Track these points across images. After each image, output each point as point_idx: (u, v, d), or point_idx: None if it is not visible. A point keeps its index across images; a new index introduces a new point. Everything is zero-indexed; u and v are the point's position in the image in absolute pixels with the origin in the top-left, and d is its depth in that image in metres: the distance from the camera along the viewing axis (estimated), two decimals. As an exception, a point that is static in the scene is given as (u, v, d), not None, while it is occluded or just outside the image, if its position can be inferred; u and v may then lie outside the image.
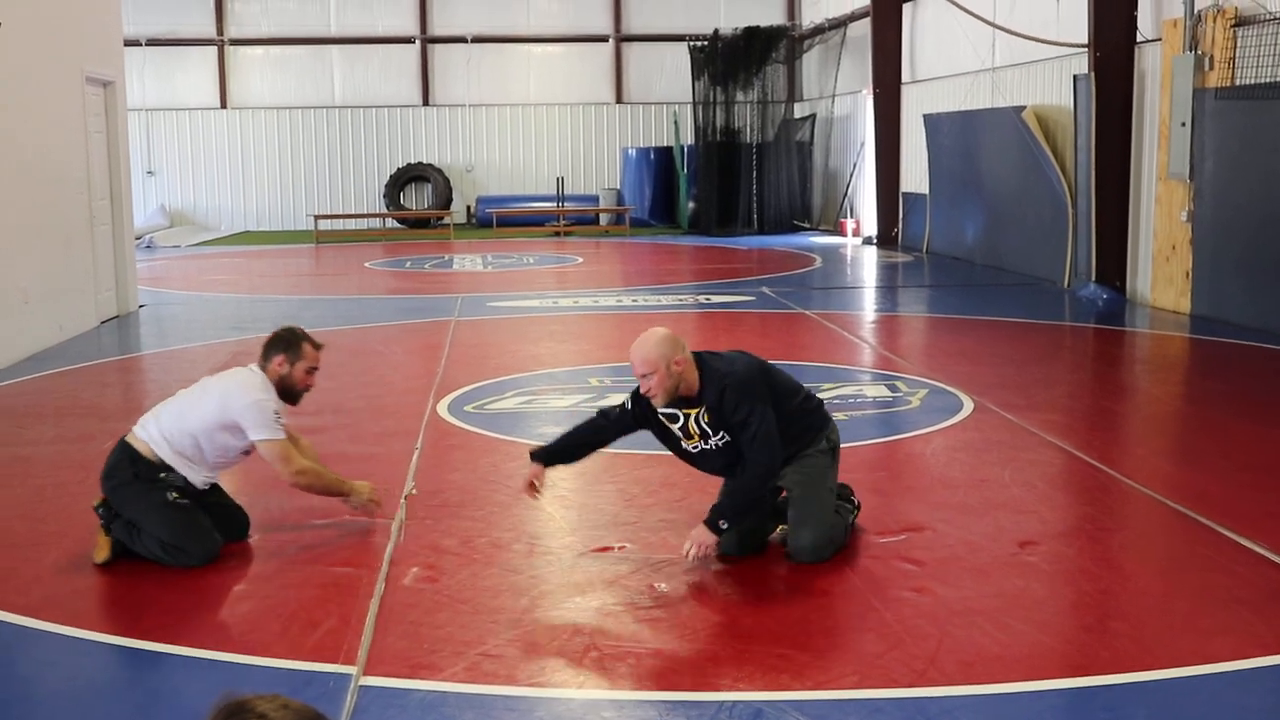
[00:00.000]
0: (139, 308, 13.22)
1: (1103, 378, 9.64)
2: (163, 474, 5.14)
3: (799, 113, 24.09)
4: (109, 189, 12.69)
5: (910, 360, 9.75)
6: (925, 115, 18.08)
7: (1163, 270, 12.20)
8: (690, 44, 23.35)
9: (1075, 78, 13.11)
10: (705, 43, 23.00)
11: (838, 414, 6.45)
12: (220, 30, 25.33)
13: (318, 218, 23.03)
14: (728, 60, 22.80)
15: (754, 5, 25.11)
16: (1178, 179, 11.75)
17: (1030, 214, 14.92)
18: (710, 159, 22.90)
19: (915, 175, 18.96)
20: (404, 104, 25.87)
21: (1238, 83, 10.79)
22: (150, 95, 24.63)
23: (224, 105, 25.56)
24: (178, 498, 5.11)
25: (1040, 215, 14.57)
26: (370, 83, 25.82)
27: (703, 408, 4.93)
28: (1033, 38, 14.49)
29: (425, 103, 25.91)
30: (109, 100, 12.73)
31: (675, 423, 5.04)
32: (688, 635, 4.28)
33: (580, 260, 18.67)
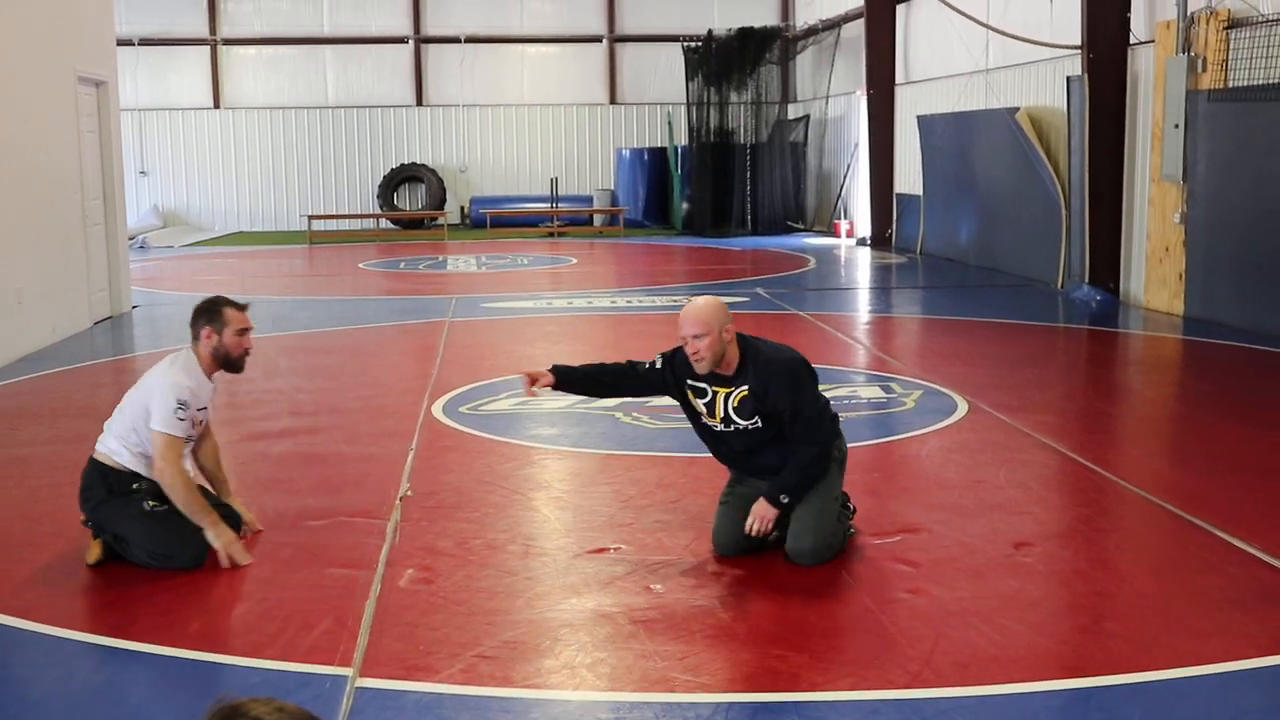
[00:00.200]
0: (132, 309, 13.19)
1: (1096, 379, 9.66)
2: (135, 484, 5.06)
3: (793, 114, 24.10)
4: (102, 189, 12.66)
5: (904, 361, 9.76)
6: (919, 116, 18.09)
7: (1156, 272, 12.22)
8: (684, 44, 23.35)
9: (1069, 79, 13.12)
10: (699, 43, 22.99)
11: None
12: (213, 30, 25.29)
13: (311, 218, 22.99)
14: (721, 61, 22.79)
15: (748, 6, 25.10)
16: (1171, 181, 11.77)
17: (1024, 215, 14.94)
18: (704, 160, 22.90)
19: (909, 176, 18.98)
20: (397, 104, 25.84)
21: (1231, 85, 10.82)
22: (143, 95, 24.58)
23: (217, 105, 25.52)
24: (155, 505, 5.03)
25: (1034, 217, 14.59)
26: (364, 83, 25.79)
27: (735, 389, 4.95)
28: (1026, 39, 14.50)
29: (419, 103, 25.89)
30: (101, 100, 12.70)
31: (702, 398, 5.05)
32: (683, 637, 4.28)
33: (574, 261, 18.67)
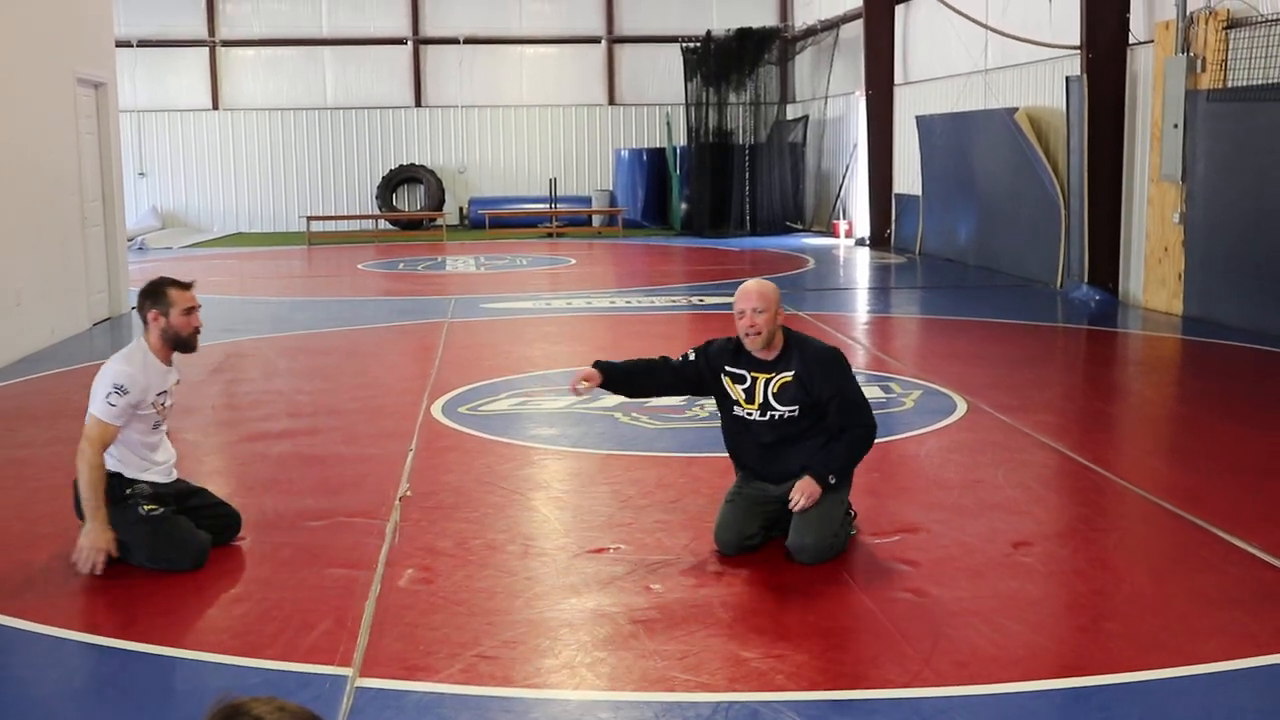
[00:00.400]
0: (131, 310, 13.19)
1: (1095, 379, 9.66)
2: (128, 489, 5.02)
3: (791, 114, 24.11)
4: (101, 190, 12.66)
5: (904, 362, 9.77)
6: (918, 117, 18.10)
7: (1155, 272, 12.23)
8: (683, 45, 23.36)
9: (1068, 79, 13.13)
10: (698, 44, 22.99)
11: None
12: (212, 31, 25.30)
13: (310, 219, 22.99)
14: (720, 61, 22.80)
15: (746, 6, 25.11)
16: (1170, 181, 11.78)
17: (1023, 215, 14.94)
18: (703, 160, 22.90)
19: (908, 177, 18.99)
20: (396, 105, 25.85)
21: (1230, 85, 10.82)
22: (142, 96, 24.58)
23: (216, 106, 25.52)
24: (150, 510, 5.00)
25: (1033, 217, 14.60)
26: (362, 84, 25.80)
27: (777, 375, 5.03)
28: (1025, 39, 14.51)
29: (418, 104, 25.89)
30: (100, 101, 12.71)
31: (741, 384, 5.12)
32: (683, 636, 4.28)
33: (573, 261, 18.68)
